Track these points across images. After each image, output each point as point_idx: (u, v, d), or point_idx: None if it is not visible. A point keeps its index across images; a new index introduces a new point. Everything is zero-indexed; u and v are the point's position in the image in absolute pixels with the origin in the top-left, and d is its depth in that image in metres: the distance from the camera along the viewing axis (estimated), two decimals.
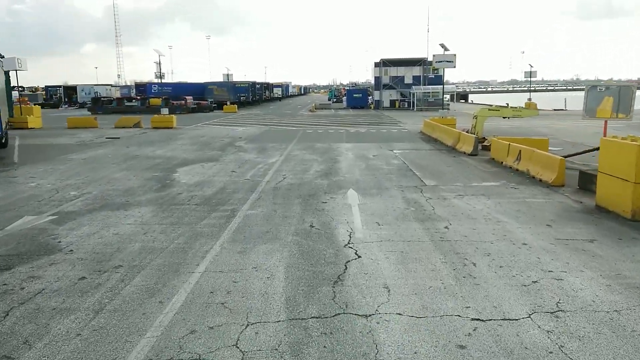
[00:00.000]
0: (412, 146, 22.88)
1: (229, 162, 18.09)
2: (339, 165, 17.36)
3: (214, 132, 30.92)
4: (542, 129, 30.32)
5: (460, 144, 20.96)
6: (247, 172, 16.02)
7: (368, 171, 15.99)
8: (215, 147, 22.95)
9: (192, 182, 14.37)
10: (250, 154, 20.31)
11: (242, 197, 12.24)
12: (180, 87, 74.08)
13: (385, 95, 63.62)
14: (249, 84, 67.64)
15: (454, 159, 18.66)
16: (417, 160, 18.23)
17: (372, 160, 18.51)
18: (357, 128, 33.15)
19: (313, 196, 12.33)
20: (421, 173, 15.48)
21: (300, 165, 17.37)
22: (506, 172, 15.52)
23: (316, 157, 19.46)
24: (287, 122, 40.14)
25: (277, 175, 15.27)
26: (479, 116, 23.89)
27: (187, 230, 9.45)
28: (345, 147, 22.46)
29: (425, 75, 63.05)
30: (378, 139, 25.91)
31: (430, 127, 27.71)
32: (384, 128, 33.04)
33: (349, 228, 9.52)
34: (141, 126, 34.86)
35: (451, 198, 11.98)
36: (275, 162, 17.99)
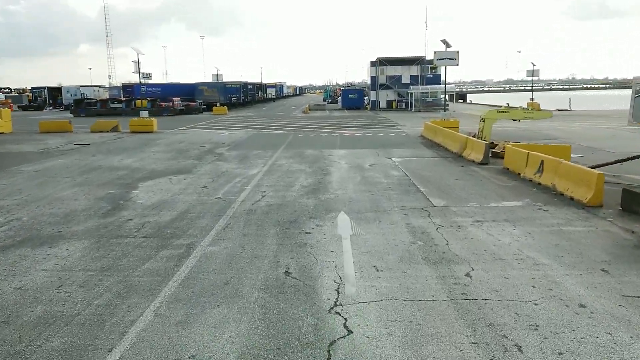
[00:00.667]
0: (412, 153, 20.45)
1: (203, 175, 15.61)
2: (329, 178, 14.91)
3: (196, 136, 28.41)
4: (551, 131, 27.97)
5: (468, 150, 18.54)
6: (220, 187, 13.55)
7: (364, 186, 13.55)
8: (192, 155, 20.45)
9: (150, 202, 11.89)
10: (230, 164, 17.82)
11: (206, 225, 9.77)
12: (170, 87, 71.49)
13: (381, 96, 61.23)
14: (240, 84, 65.13)
15: (462, 169, 16.23)
16: (419, 171, 15.80)
17: (368, 171, 16.06)
18: (353, 131, 30.73)
19: (295, 223, 9.88)
20: (426, 188, 13.04)
21: (284, 178, 14.91)
22: (527, 187, 13.10)
23: (305, 167, 17.00)
24: (278, 124, 37.70)
25: (255, 193, 12.81)
26: (487, 119, 21.48)
27: (119, 282, 6.98)
28: (338, 155, 20.01)
29: (423, 75, 60.75)
30: (375, 144, 23.49)
31: (431, 130, 25.30)
32: (381, 131, 30.63)
33: (337, 276, 7.08)
34: (119, 130, 32.34)
35: (467, 225, 9.54)
36: (257, 175, 15.53)
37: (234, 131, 31.78)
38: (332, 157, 19.42)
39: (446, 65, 26.91)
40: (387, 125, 35.45)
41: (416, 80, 60.58)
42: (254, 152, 20.92)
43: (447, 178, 14.54)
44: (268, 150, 21.46)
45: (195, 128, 34.81)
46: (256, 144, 24.32)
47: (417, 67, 60.96)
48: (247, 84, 70.68)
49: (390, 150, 21.31)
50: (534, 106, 55.95)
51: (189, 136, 28.76)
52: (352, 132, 30.30)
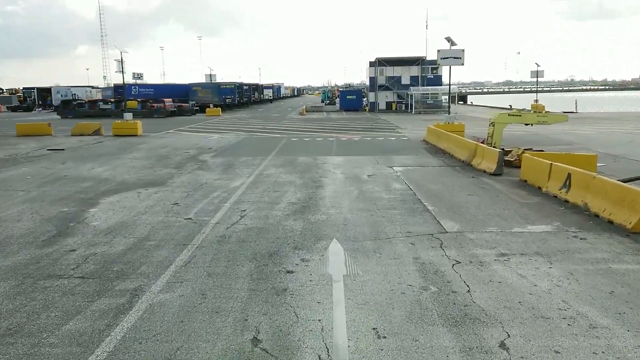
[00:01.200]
0: (415, 161, 18.52)
1: (178, 188, 13.67)
2: (322, 192, 12.97)
3: (182, 141, 26.46)
4: (563, 135, 26.08)
5: (478, 159, 16.62)
6: (194, 205, 11.61)
7: (361, 203, 11.61)
8: (172, 162, 18.50)
9: (106, 225, 9.95)
10: (212, 174, 15.88)
11: (164, 260, 7.84)
12: (163, 88, 69.61)
13: (381, 97, 59.34)
14: (235, 85, 63.14)
15: (473, 181, 14.31)
16: (425, 184, 13.87)
17: (366, 183, 14.13)
18: (350, 135, 28.80)
19: (275, 257, 7.95)
20: (435, 207, 11.11)
21: (270, 192, 12.97)
22: (552, 205, 11.18)
23: (295, 177, 15.07)
24: (272, 127, 35.77)
25: (233, 212, 10.87)
26: (497, 123, 19.60)
27: (20, 356, 5.05)
28: (333, 163, 18.07)
29: (423, 76, 58.90)
30: (374, 150, 21.56)
31: (435, 135, 23.39)
32: (380, 135, 28.71)
33: (322, 347, 5.15)
34: (101, 133, 30.37)
35: (490, 261, 7.62)
36: (239, 188, 13.59)
37: (225, 134, 29.84)
38: (326, 165, 17.48)
39: (451, 65, 25.08)
40: (387, 128, 33.54)
41: (416, 81, 58.72)
42: (241, 160, 18.97)
43: (458, 193, 12.60)
44: (257, 157, 19.53)
45: (184, 131, 32.87)
46: (245, 150, 22.39)
47: (418, 68, 59.10)
48: (243, 85, 68.76)
49: (390, 157, 19.38)
50: (539, 108, 54.06)
51: (174, 140, 26.81)
52: (349, 135, 28.38)
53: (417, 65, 58.91)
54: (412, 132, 30.38)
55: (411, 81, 58.63)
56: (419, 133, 28.80)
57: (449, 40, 25.00)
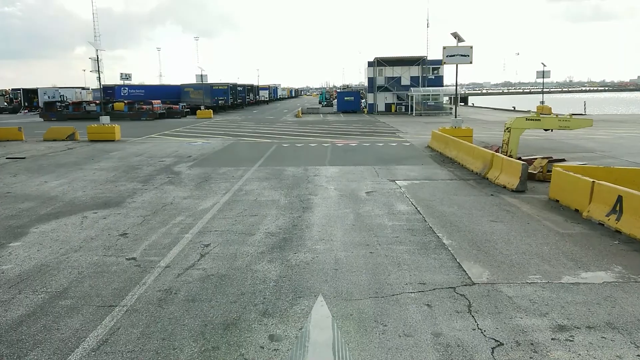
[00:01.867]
0: (421, 172, 16.09)
1: (134, 210, 11.22)
2: (310, 216, 10.53)
3: (162, 147, 24.00)
4: (581, 141, 23.69)
5: (495, 171, 14.21)
6: (146, 236, 9.17)
7: (358, 234, 9.18)
8: (141, 175, 16.04)
9: (20, 269, 7.50)
10: (182, 190, 13.44)
11: (71, 337, 5.40)
12: (154, 89, 67.19)
13: (379, 98, 57.00)
14: (228, 85, 60.59)
15: (494, 200, 11.89)
16: (436, 204, 11.45)
17: (365, 203, 11.70)
18: (347, 140, 26.37)
19: (232, 331, 5.51)
20: (452, 240, 8.69)
21: (246, 216, 10.54)
22: (601, 237, 8.75)
23: (279, 195, 12.64)
24: (264, 131, 33.33)
25: (192, 248, 8.44)
26: (514, 128, 17.21)
27: None
28: (326, 175, 15.64)
29: (424, 76, 56.57)
30: (373, 159, 19.14)
31: (441, 141, 20.98)
32: (380, 140, 26.29)
33: None
34: (76, 138, 27.90)
35: (546, 341, 5.19)
36: (209, 210, 11.15)
37: (211, 139, 27.40)
38: (318, 178, 15.05)
39: (457, 64, 22.71)
40: (387, 132, 31.12)
41: (417, 82, 56.37)
42: (220, 171, 16.53)
43: (478, 218, 10.17)
44: (240, 168, 17.09)
45: (168, 135, 30.40)
46: (229, 158, 19.94)
47: (418, 68, 56.76)
48: (237, 86, 66.27)
49: (392, 167, 16.95)
50: (546, 110, 51.72)
51: (153, 146, 24.35)
52: (346, 141, 25.95)
53: (418, 66, 56.58)
54: (415, 136, 27.98)
55: (411, 82, 56.29)
56: (422, 138, 26.40)
57: (456, 36, 22.63)
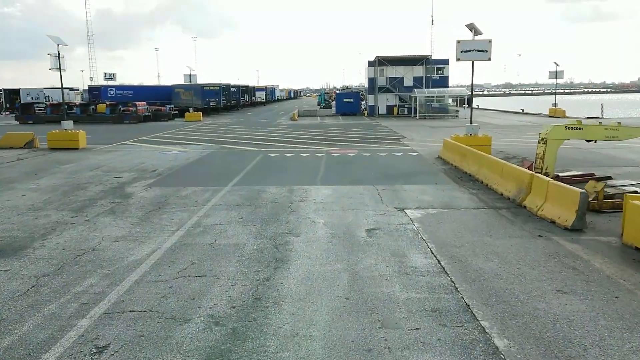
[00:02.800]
0: (437, 195, 12.67)
1: (33, 264, 7.79)
2: (283, 280, 7.10)
3: (127, 158, 20.57)
4: (618, 151, 20.26)
5: (536, 198, 10.78)
6: (16, 324, 5.77)
7: (354, 321, 5.76)
8: (80, 199, 12.60)
9: None
10: (119, 225, 10.03)
11: None
12: (143, 90, 63.82)
13: (381, 100, 53.59)
14: (220, 86, 57.12)
15: (545, 245, 8.47)
16: (467, 256, 8.03)
17: (365, 252, 8.28)
18: (345, 149, 22.96)
19: None
20: (509, 339, 5.28)
21: (190, 277, 7.13)
22: None
23: (248, 236, 9.23)
24: (253, 137, 29.92)
25: (77, 354, 5.04)
26: (551, 139, 13.82)
27: None
28: (315, 200, 12.22)
29: (428, 77, 53.16)
30: (375, 175, 15.74)
31: (456, 152, 17.57)
32: (382, 148, 22.89)
33: None
34: (35, 146, 24.52)
35: None
36: (141, 264, 7.73)
37: (190, 147, 24.00)
38: (304, 205, 11.63)
39: (474, 60, 19.34)
40: (390, 138, 27.70)
41: (420, 83, 53.00)
42: (183, 193, 13.13)
43: (537, 286, 6.72)
44: (209, 188, 13.69)
45: (144, 142, 26.98)
46: (201, 173, 16.54)
47: (422, 68, 53.37)
48: (230, 86, 62.83)
49: (399, 188, 13.53)
50: (559, 113, 48.24)
51: (119, 156, 20.93)
52: (343, 149, 22.54)
53: (422, 65, 53.19)
54: (421, 144, 24.57)
55: (414, 82, 52.89)
56: (431, 146, 23.00)
57: (472, 28, 19.25)
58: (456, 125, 37.62)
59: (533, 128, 34.40)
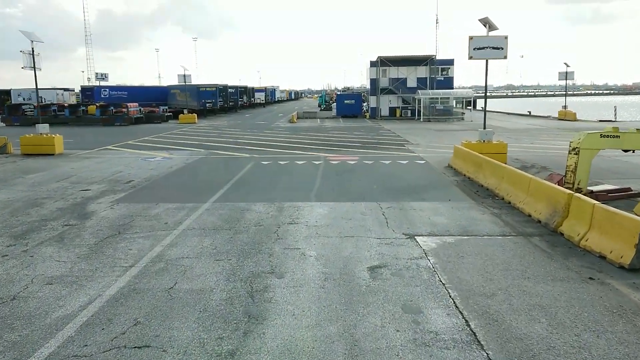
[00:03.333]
0: (453, 216, 10.69)
1: None
2: (254, 350, 5.14)
3: (104, 166, 18.63)
4: None
5: (576, 223, 8.79)
6: None
7: None
8: (29, 220, 10.63)
9: None
10: (61, 259, 8.06)
11: None
12: (139, 91, 61.88)
13: (383, 102, 51.65)
14: (217, 87, 55.17)
15: (602, 294, 6.50)
16: (504, 312, 6.07)
17: (368, 304, 6.30)
18: (344, 155, 21.01)
19: None
20: None
21: (127, 350, 5.18)
22: None
23: (218, 277, 7.26)
24: (247, 141, 27.98)
25: None
26: (584, 149, 11.85)
27: None
28: (308, 222, 10.24)
29: (432, 77, 51.16)
30: (379, 188, 13.78)
31: (469, 161, 15.61)
32: (386, 154, 20.93)
33: None
34: (8, 151, 22.62)
35: None
36: (66, 325, 5.76)
37: (176, 153, 22.06)
38: (294, 229, 9.66)
39: (488, 58, 17.37)
40: (394, 142, 25.73)
41: (424, 84, 51.02)
42: (153, 211, 11.17)
43: None
44: (186, 205, 11.73)
45: (128, 147, 25.05)
46: (180, 186, 14.59)
47: (426, 69, 51.36)
48: (227, 87, 60.88)
49: (407, 205, 11.56)
50: (569, 116, 46.18)
51: (95, 164, 18.99)
52: (343, 156, 20.58)
53: (425, 66, 51.20)
54: (428, 150, 22.60)
55: (418, 84, 50.93)
56: (439, 153, 21.04)
57: (486, 23, 17.30)
58: (463, 128, 35.71)
59: (545, 132, 32.45)
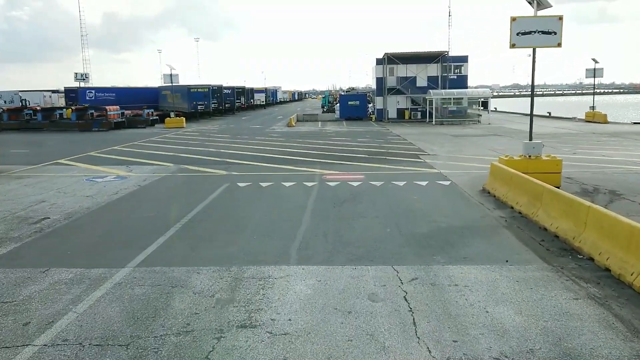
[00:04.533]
0: (523, 302, 6.24)
1: None
2: None
3: (26, 192, 14.25)
4: None
5: None
6: None
7: None
8: None
9: None
10: None
11: None
12: (128, 93, 57.66)
13: (390, 103, 47.21)
14: (209, 88, 50.78)
15: None
16: None
17: None
18: (346, 172, 16.58)
19: None
20: None
21: None
22: None
23: None
24: (231, 151, 23.63)
25: None
26: None
27: None
28: (274, 326, 5.77)
29: (445, 76, 46.65)
30: (393, 236, 9.33)
31: (518, 188, 11.10)
32: (399, 172, 16.50)
33: None
34: None
35: None
36: None
37: (137, 170, 17.70)
38: (245, 348, 5.24)
39: (537, 47, 12.89)
40: (406, 153, 21.25)
41: (435, 83, 46.55)
42: (29, 289, 6.78)
43: None
44: (91, 271, 7.37)
45: (83, 161, 20.71)
46: (107, 229, 10.20)
47: (437, 66, 46.88)
48: (222, 88, 56.58)
49: (443, 277, 7.10)
50: (598, 117, 41.39)
51: (17, 189, 14.63)
52: (344, 174, 16.13)
53: (437, 63, 46.70)
54: (450, 162, 18.12)
55: (429, 83, 46.46)
56: (464, 167, 16.55)
57: None
58: (483, 133, 31.17)
59: (581, 138, 27.77)
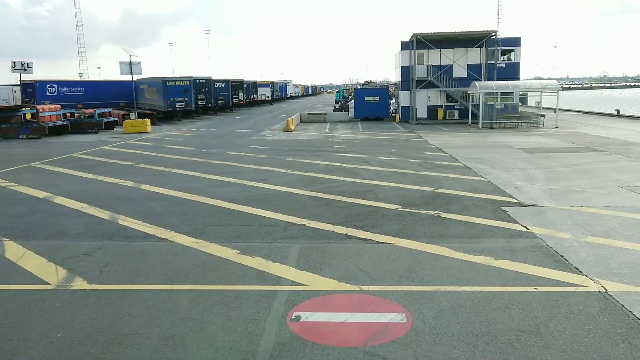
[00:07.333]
0: None
1: None
2: None
3: None
4: None
5: None
6: None
7: None
8: None
9: None
10: None
11: None
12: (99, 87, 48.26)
13: (419, 99, 36.84)
14: (190, 80, 40.57)
15: None
16: None
17: None
18: (359, 285, 6.51)
19: None
20: None
21: None
22: None
23: None
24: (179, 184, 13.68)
25: None
26: None
27: None
28: None
29: (491, 64, 35.97)
30: None
31: None
32: (473, 252, 6.33)
33: None
34: None
35: None
36: None
37: None
38: None
39: None
40: (470, 197, 11.00)
41: (477, 72, 36.06)
42: None
43: None
44: None
45: None
46: None
47: (481, 51, 36.30)
48: (212, 81, 46.59)
49: None
50: None
51: None
52: (356, 300, 6.10)
53: (481, 47, 36.09)
54: (580, 226, 7.83)
55: (469, 72, 35.96)
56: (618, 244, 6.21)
57: None
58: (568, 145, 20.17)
59: None
